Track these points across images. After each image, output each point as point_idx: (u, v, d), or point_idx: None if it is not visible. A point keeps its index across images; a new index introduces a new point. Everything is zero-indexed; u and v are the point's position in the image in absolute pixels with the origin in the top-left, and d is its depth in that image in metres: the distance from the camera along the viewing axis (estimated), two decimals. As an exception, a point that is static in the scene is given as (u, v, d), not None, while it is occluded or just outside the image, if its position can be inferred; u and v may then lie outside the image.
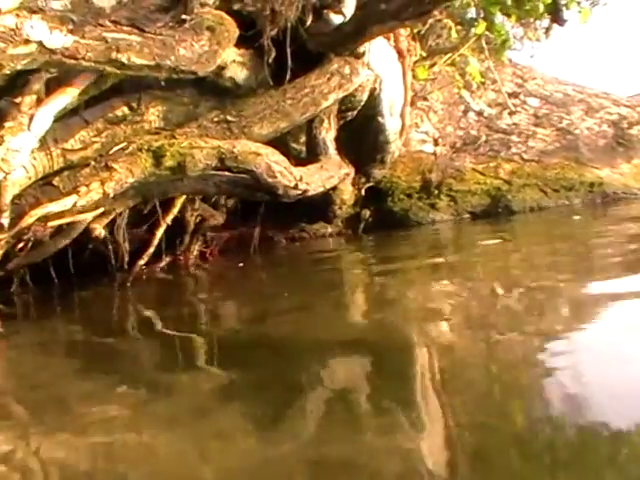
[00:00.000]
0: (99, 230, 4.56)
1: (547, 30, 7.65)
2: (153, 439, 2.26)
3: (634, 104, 9.19)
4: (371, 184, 6.56)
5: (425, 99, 7.40)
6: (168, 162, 4.22)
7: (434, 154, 7.40)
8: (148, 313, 4.51)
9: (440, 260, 5.30)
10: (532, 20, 7.31)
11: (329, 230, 6.84)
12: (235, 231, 6.39)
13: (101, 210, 4.34)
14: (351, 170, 5.89)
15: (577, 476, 1.75)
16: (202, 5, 4.51)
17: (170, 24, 4.34)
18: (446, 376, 2.61)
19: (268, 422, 2.26)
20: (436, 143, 7.44)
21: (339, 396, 2.50)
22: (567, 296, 3.58)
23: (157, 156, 4.22)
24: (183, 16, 4.39)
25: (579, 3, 7.25)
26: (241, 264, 5.79)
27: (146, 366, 3.21)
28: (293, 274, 5.33)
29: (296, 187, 4.63)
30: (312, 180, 4.78)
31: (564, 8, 6.84)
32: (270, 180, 4.48)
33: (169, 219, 5.33)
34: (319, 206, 6.13)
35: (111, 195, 4.15)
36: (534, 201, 7.54)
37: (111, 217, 4.75)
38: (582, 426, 1.99)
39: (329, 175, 5.05)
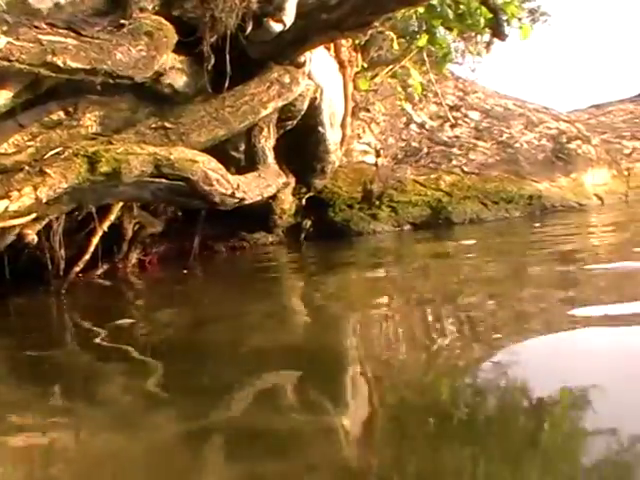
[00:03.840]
0: (32, 236, 4.48)
1: (488, 45, 7.74)
2: (86, 445, 2.24)
3: (573, 119, 9.37)
4: (312, 194, 6.57)
5: (367, 110, 7.44)
6: (103, 168, 4.15)
7: (376, 165, 7.44)
8: (83, 321, 4.45)
9: (379, 272, 5.33)
10: (473, 34, 7.40)
11: (270, 239, 6.83)
12: (175, 239, 6.34)
13: (34, 216, 4.27)
14: (291, 179, 5.89)
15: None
16: (141, 10, 4.47)
17: (108, 28, 4.30)
18: (379, 384, 2.62)
19: (201, 426, 2.25)
20: (378, 154, 7.48)
21: (272, 400, 2.50)
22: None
23: (92, 162, 4.15)
24: (121, 20, 4.35)
25: (520, 19, 7.35)
26: (185, 271, 5.75)
27: (80, 374, 3.16)
28: (231, 283, 5.31)
29: (233, 195, 4.59)
30: (249, 188, 4.75)
31: (505, 23, 6.92)
32: (207, 188, 4.44)
33: (106, 226, 5.26)
34: (260, 215, 6.11)
35: (44, 200, 4.07)
36: (474, 213, 7.65)
37: (45, 223, 4.67)
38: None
39: (267, 184, 5.02)
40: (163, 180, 4.38)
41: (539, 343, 2.81)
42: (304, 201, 6.62)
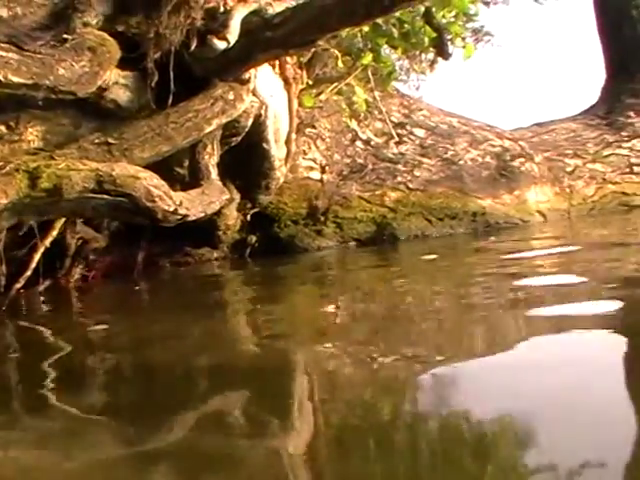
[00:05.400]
0: (-29, 252, 4.44)
1: (432, 63, 7.84)
2: (18, 461, 2.21)
3: (516, 137, 9.51)
4: (257, 210, 6.58)
5: (313, 127, 7.47)
6: (44, 184, 4.12)
7: (321, 181, 7.47)
8: (23, 337, 4.39)
9: (323, 285, 5.35)
10: (418, 53, 7.49)
11: (215, 255, 6.81)
12: (119, 255, 6.30)
13: (-27, 231, 4.23)
14: (236, 196, 5.90)
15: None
16: (85, 25, 4.48)
17: (51, 43, 4.30)
18: (325, 400, 2.63)
19: (139, 443, 2.24)
20: (323, 170, 7.52)
21: (212, 417, 2.49)
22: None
23: (33, 177, 4.12)
24: (64, 35, 4.35)
25: (464, 39, 7.46)
26: (137, 287, 5.71)
27: (16, 391, 3.12)
28: (175, 300, 5.28)
29: (175, 212, 4.58)
30: (192, 205, 4.75)
31: (449, 43, 7.03)
32: (149, 204, 4.42)
33: (48, 241, 5.21)
34: (204, 231, 6.10)
35: (-16, 216, 4.04)
36: (419, 229, 7.71)
37: (-15, 238, 4.63)
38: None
39: (210, 201, 5.02)
40: (105, 196, 4.35)
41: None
42: (249, 217, 6.62)
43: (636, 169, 10.42)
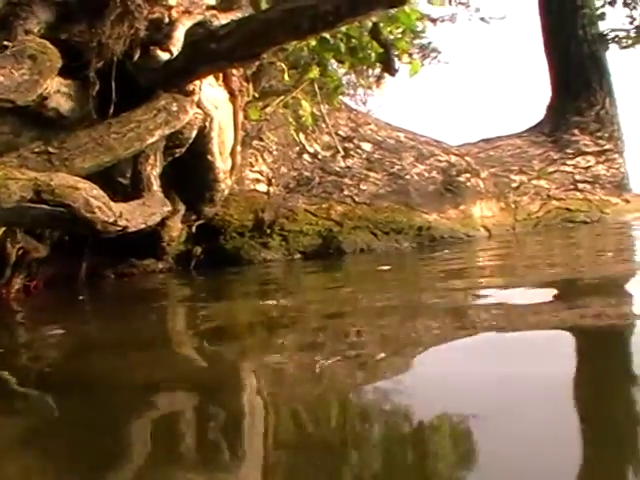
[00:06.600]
0: None
1: (379, 79, 7.91)
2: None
3: (463, 153, 9.63)
4: (202, 221, 6.56)
5: (260, 139, 7.49)
6: (-20, 192, 4.07)
7: (267, 194, 7.48)
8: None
9: (267, 296, 5.34)
10: (365, 68, 7.55)
11: (160, 266, 6.77)
12: (62, 265, 6.23)
13: None
14: (180, 207, 5.87)
15: None
16: (26, 32, 4.43)
17: (-9, 50, 4.25)
18: (270, 412, 2.62)
19: (78, 461, 2.20)
20: (270, 183, 7.53)
21: (155, 432, 2.47)
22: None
23: (-31, 186, 4.06)
24: (5, 42, 4.30)
25: (411, 55, 7.53)
26: (81, 297, 5.63)
27: None
28: (117, 311, 5.23)
29: (115, 223, 4.53)
30: (133, 217, 4.70)
31: (395, 58, 7.09)
32: (88, 215, 4.37)
33: (-14, 251, 5.15)
34: (149, 242, 6.06)
35: None
36: (364, 243, 7.76)
37: None
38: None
39: (151, 212, 4.98)
40: (44, 206, 4.30)
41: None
42: (194, 228, 6.59)
43: (580, 186, 10.63)
